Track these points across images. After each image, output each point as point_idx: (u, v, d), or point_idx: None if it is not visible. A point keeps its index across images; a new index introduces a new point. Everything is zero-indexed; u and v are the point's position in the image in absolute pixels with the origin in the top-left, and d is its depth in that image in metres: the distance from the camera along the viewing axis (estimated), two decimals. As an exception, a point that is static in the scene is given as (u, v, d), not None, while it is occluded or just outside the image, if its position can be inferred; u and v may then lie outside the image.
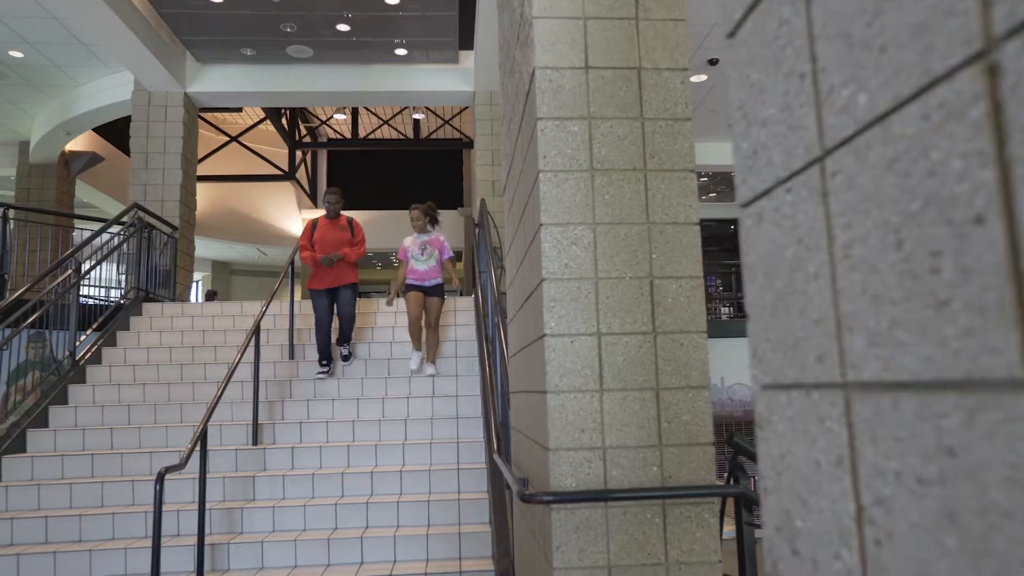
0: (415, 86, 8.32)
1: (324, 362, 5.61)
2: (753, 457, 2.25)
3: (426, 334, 5.63)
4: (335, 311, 5.69)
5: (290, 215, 16.15)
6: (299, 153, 14.69)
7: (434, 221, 5.86)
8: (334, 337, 5.76)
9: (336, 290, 5.63)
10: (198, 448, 3.70)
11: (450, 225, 15.82)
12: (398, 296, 6.08)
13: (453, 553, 3.88)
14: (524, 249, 2.67)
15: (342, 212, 5.85)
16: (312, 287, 5.59)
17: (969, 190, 0.37)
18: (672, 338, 2.23)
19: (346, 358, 5.72)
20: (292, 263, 5.96)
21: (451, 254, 5.85)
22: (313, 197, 16.02)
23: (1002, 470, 0.36)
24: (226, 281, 19.33)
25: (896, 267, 0.44)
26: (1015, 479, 0.35)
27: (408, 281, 5.64)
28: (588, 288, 2.22)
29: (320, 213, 16.14)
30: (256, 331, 4.82)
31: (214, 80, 8.16)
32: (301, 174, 15.19)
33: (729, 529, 2.66)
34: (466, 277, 15.03)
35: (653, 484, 2.15)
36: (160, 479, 3.20)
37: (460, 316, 6.40)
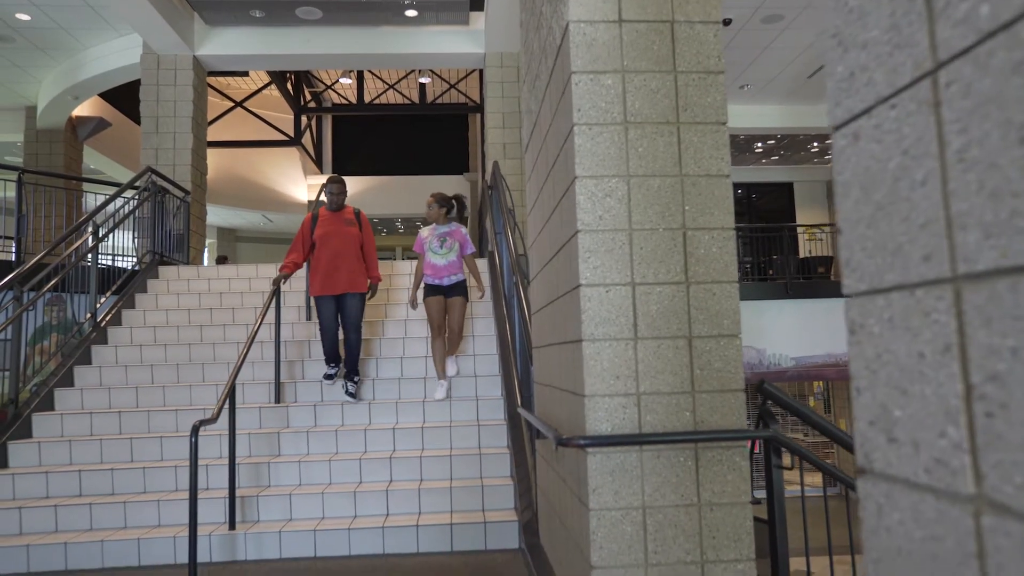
0: (425, 48, 8.26)
1: (332, 364, 4.94)
2: (782, 404, 2.32)
3: (449, 337, 5.07)
4: (340, 320, 4.97)
5: (295, 181, 16.13)
6: (304, 118, 14.62)
7: (460, 215, 5.19)
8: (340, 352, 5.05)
9: (343, 297, 4.88)
10: (226, 405, 3.79)
11: (455, 190, 15.86)
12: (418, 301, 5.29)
13: (476, 505, 3.98)
14: (554, 203, 2.70)
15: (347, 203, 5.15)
16: (316, 293, 4.86)
17: (1105, 80, 0.42)
18: (705, 288, 2.28)
19: (352, 395, 4.86)
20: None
21: (473, 249, 5.14)
22: (319, 163, 15.98)
23: None
24: (231, 248, 19.38)
25: (1019, 161, 0.48)
26: None
27: (425, 279, 5.01)
28: (622, 239, 2.27)
29: (317, 177, 15.87)
30: (276, 292, 4.88)
31: (223, 43, 8.11)
32: (306, 140, 15.14)
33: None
34: (474, 240, 15.09)
35: (686, 429, 2.22)
36: (195, 431, 3.28)
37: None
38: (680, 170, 2.31)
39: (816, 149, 14.29)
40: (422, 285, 5.10)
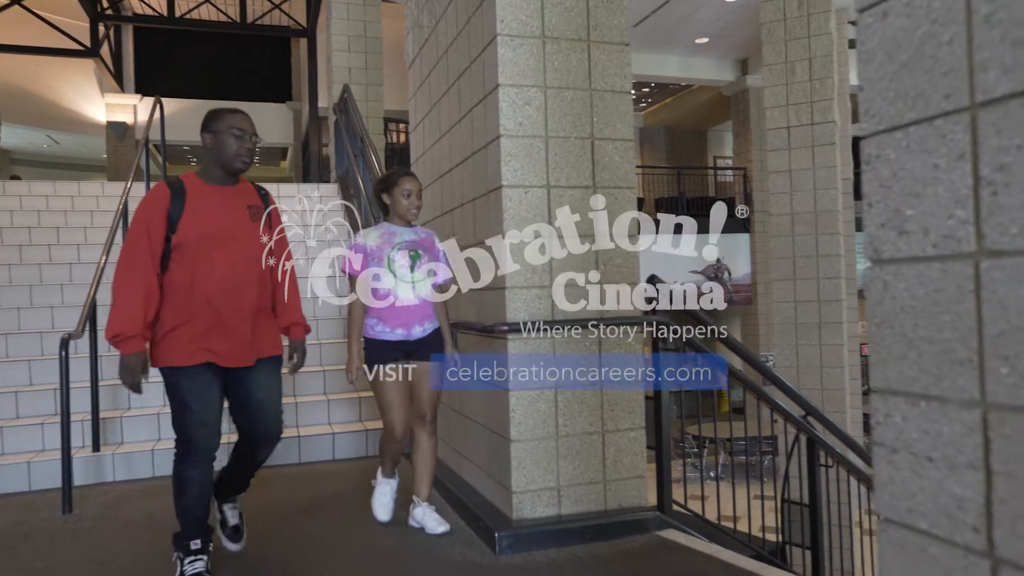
0: (260, -42, 7.74)
1: (197, 543, 2.23)
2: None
3: (415, 440, 2.74)
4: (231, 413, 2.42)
5: (90, 98, 14.43)
6: (102, 27, 13.06)
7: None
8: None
9: (251, 372, 2.33)
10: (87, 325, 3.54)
11: (276, 120, 15.02)
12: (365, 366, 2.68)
13: (354, 416, 4.09)
14: (460, 114, 2.83)
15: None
16: (184, 363, 2.20)
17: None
18: (608, 192, 2.55)
19: (236, 532, 2.51)
20: (146, 142, 5.52)
21: (451, 275, 2.74)
22: (119, 79, 14.36)
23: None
24: (5, 173, 17.03)
25: (1036, 18, 0.74)
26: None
27: (376, 333, 2.61)
28: (539, 145, 2.47)
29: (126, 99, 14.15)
30: (124, 212, 4.51)
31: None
32: (105, 52, 13.53)
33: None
34: (298, 173, 14.48)
35: (592, 315, 2.51)
36: (64, 345, 3.08)
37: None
38: (590, 84, 2.54)
39: (632, 97, 15.26)
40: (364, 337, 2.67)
